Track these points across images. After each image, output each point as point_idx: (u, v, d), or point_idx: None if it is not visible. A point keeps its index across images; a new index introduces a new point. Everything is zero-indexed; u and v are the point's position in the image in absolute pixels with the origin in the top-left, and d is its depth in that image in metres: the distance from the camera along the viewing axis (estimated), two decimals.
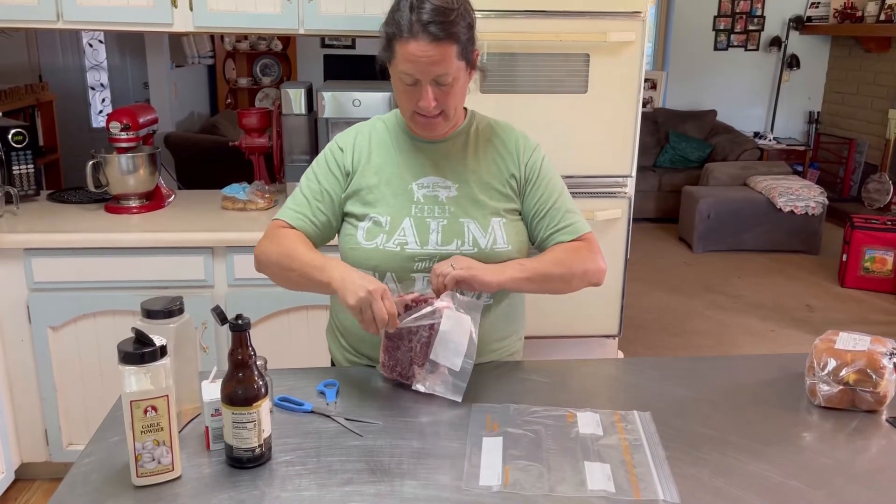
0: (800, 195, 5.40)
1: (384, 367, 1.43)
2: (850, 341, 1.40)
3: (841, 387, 1.36)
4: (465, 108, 1.54)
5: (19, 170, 2.62)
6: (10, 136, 2.59)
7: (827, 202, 5.47)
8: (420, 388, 1.39)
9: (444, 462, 1.19)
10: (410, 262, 1.43)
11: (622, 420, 1.32)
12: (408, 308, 1.36)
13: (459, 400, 1.37)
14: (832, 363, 1.37)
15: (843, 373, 1.35)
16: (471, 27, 1.39)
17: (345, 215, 1.51)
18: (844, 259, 4.84)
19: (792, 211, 5.40)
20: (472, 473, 1.15)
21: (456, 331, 1.36)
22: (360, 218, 1.47)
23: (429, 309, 1.35)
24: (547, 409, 1.35)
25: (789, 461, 1.21)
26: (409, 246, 1.43)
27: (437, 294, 1.37)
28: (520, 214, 1.53)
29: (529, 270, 1.44)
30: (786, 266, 5.27)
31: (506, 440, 1.24)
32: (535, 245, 1.55)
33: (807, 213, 5.41)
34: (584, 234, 1.53)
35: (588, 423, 1.31)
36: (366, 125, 1.56)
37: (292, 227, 1.49)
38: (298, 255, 1.42)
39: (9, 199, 2.49)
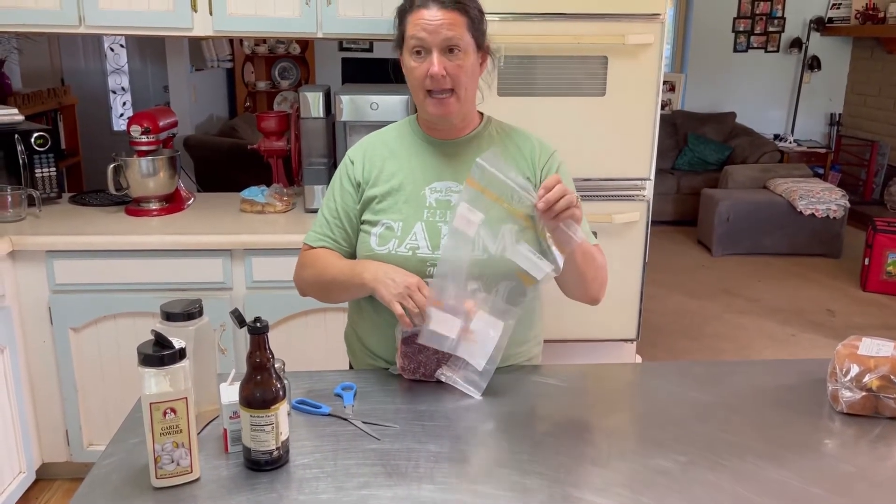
0: (821, 198, 5.34)
1: (404, 370, 1.44)
2: (874, 347, 1.38)
3: (864, 393, 1.34)
4: (482, 113, 1.54)
5: (41, 173, 2.66)
6: (32, 140, 2.62)
7: (848, 205, 5.40)
8: (442, 377, 1.41)
9: (461, 466, 1.19)
10: (423, 266, 1.43)
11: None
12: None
13: (478, 396, 1.40)
14: (855, 369, 1.35)
15: (865, 379, 1.34)
16: (481, 13, 1.44)
17: (361, 223, 1.52)
18: (866, 263, 4.77)
19: (813, 214, 5.34)
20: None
21: (485, 332, 1.37)
22: (374, 224, 1.48)
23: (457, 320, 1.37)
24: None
25: (810, 468, 1.20)
26: (421, 250, 1.44)
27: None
28: (532, 220, 1.51)
29: (586, 243, 1.43)
30: (806, 270, 5.21)
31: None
32: (541, 250, 1.53)
33: (828, 216, 5.35)
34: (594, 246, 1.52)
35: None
36: (376, 134, 1.57)
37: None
38: (328, 270, 1.49)
39: (31, 202, 2.52)
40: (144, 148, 2.55)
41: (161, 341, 1.09)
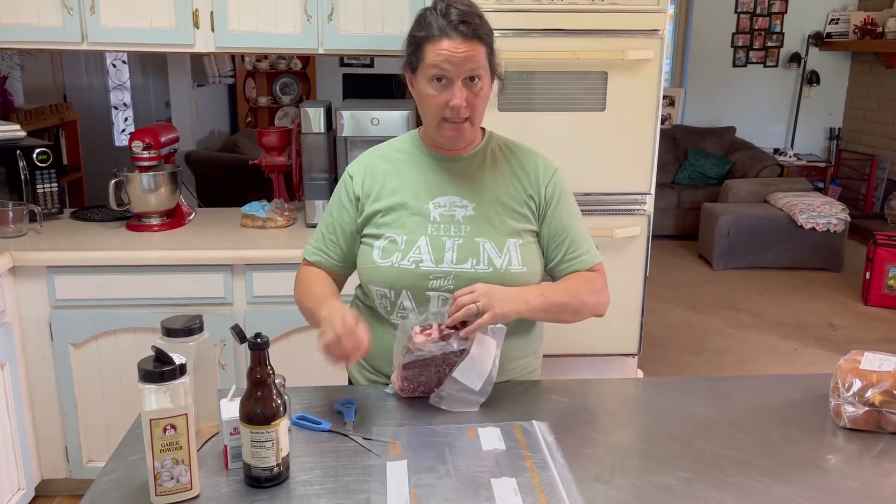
0: (821, 212, 5.35)
1: (403, 391, 1.43)
2: (876, 361, 1.38)
3: (866, 408, 1.33)
4: (483, 129, 1.55)
5: (43, 188, 2.66)
6: (34, 156, 2.63)
7: (849, 219, 5.41)
8: (438, 403, 1.40)
9: (463, 482, 1.18)
10: (425, 279, 1.43)
11: (523, 432, 1.32)
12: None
13: (476, 409, 1.40)
14: (857, 384, 1.34)
15: (868, 394, 1.33)
16: (491, 36, 1.44)
17: (363, 237, 1.52)
18: (867, 277, 4.77)
19: (813, 228, 5.34)
20: (380, 502, 1.12)
21: (483, 354, 1.37)
22: (377, 237, 1.48)
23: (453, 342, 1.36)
24: (448, 426, 1.34)
25: (814, 484, 1.19)
26: (424, 264, 1.44)
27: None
28: (536, 236, 1.52)
29: (548, 301, 1.44)
30: (808, 284, 5.21)
31: (410, 463, 1.22)
32: (547, 269, 1.54)
33: (828, 230, 5.35)
34: (597, 265, 1.54)
35: (490, 438, 1.30)
36: (378, 149, 1.57)
37: (314, 264, 1.57)
38: (306, 299, 1.50)
39: (32, 218, 2.53)
40: (146, 163, 2.56)
41: (161, 357, 1.08)
